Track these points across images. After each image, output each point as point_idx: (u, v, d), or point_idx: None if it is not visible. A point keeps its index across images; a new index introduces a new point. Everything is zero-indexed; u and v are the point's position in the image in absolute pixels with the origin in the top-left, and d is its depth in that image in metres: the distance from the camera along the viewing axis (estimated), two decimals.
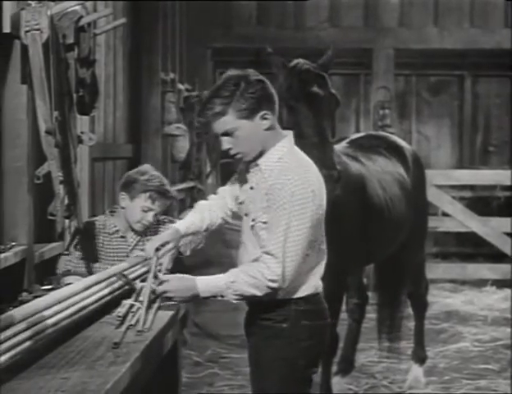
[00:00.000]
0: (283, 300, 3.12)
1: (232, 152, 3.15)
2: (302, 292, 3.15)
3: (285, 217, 3.02)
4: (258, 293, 3.04)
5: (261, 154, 3.15)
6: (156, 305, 3.43)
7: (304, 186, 3.04)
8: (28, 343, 2.64)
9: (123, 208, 4.26)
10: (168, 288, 3.13)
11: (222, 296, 3.07)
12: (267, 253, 3.03)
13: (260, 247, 3.08)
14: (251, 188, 3.20)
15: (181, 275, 3.19)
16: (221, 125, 3.11)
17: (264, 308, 3.15)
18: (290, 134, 3.21)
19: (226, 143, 3.14)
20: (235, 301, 3.08)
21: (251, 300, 3.15)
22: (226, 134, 3.12)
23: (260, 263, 3.04)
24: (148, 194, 4.19)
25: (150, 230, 4.24)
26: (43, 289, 3.88)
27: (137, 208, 4.21)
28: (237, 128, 3.10)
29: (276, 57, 4.75)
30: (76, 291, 3.20)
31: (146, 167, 4.42)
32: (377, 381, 6.32)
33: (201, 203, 3.56)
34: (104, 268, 4.09)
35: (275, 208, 3.04)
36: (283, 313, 3.14)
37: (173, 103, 8.23)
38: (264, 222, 3.08)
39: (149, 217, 4.20)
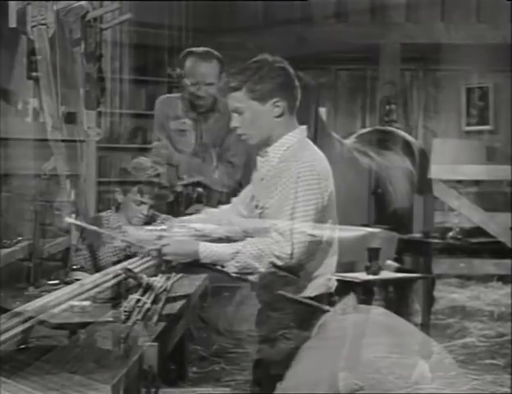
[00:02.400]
0: (292, 298, 3.09)
1: (238, 131, 3.14)
2: (312, 291, 3.11)
3: (291, 197, 3.00)
4: (261, 268, 2.98)
5: (269, 141, 3.13)
6: (163, 299, 3.42)
7: (311, 169, 3.03)
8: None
9: (120, 203, 4.25)
10: (167, 250, 3.12)
11: (223, 266, 3.03)
12: (275, 230, 2.99)
13: None
14: (261, 179, 3.17)
15: (184, 239, 3.17)
16: (233, 100, 3.10)
17: (274, 306, 3.11)
18: (303, 127, 3.20)
19: (235, 120, 3.13)
20: (234, 274, 3.02)
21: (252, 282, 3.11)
22: (237, 111, 3.12)
23: (269, 238, 2.99)
24: (136, 187, 4.17)
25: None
26: (49, 283, 3.88)
27: (129, 202, 4.19)
28: (247, 108, 3.09)
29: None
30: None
31: (140, 159, 4.39)
32: (383, 376, 6.31)
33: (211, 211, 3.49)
34: (106, 262, 4.09)
35: (280, 189, 3.03)
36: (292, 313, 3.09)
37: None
38: (268, 207, 3.06)
39: (143, 210, 4.18)
